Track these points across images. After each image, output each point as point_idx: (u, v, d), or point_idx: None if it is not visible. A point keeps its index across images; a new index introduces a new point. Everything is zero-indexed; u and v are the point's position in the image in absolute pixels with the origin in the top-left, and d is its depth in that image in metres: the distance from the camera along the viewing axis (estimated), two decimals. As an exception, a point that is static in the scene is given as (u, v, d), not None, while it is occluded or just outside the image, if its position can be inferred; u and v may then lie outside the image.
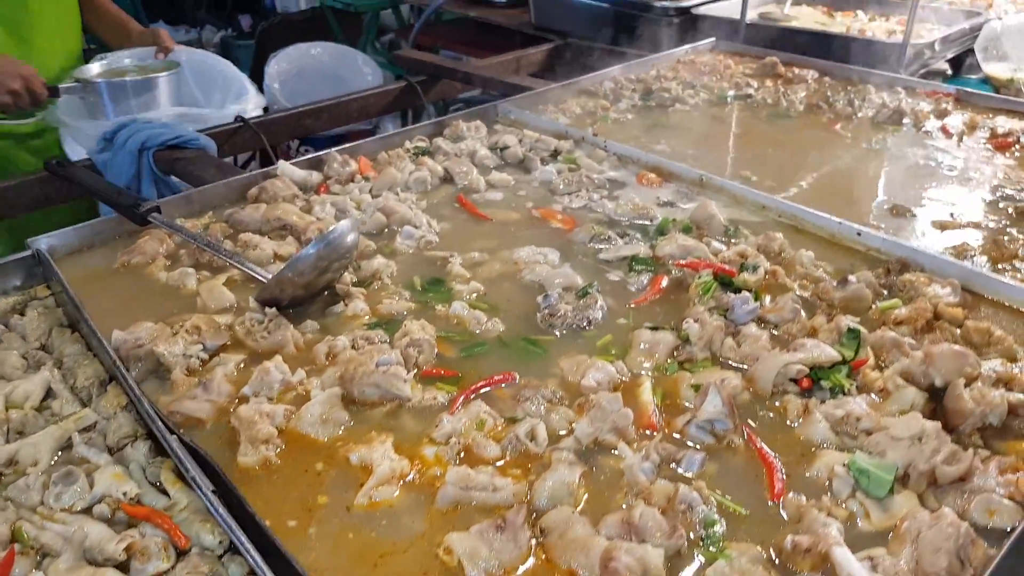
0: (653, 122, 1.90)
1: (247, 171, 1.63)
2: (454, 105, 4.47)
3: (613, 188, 1.56)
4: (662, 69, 2.23)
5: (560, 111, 1.93)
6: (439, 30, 4.20)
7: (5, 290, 1.15)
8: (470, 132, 1.79)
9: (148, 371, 1.03)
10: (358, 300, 1.18)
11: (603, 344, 1.08)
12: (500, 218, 1.46)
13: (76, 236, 1.32)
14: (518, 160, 1.68)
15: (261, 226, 1.41)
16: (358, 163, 1.60)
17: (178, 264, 1.30)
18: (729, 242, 1.34)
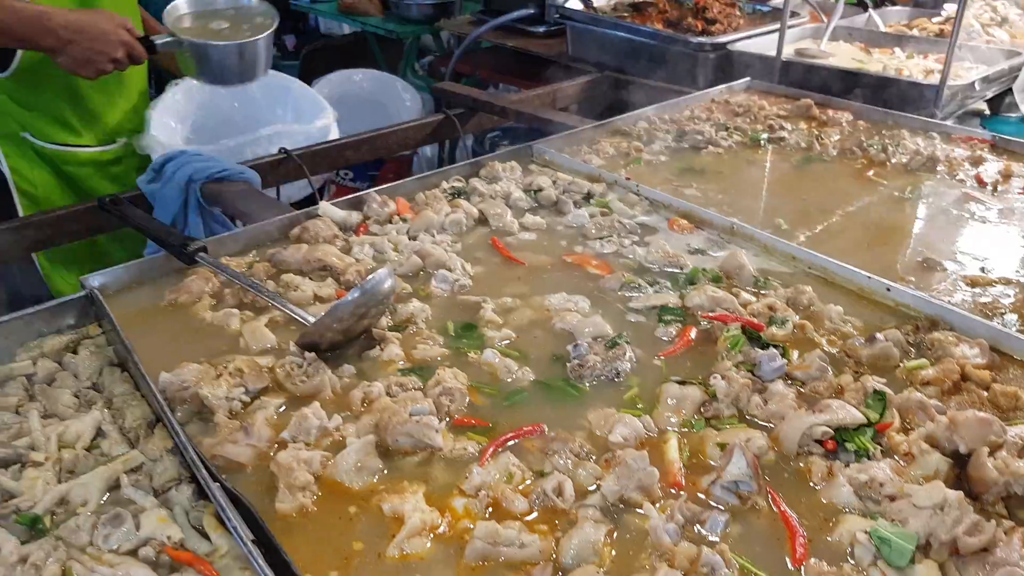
0: (686, 165, 1.93)
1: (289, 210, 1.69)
2: (491, 133, 4.53)
3: (645, 233, 1.58)
4: (696, 109, 2.25)
5: (594, 152, 1.97)
6: (477, 57, 4.26)
7: (60, 328, 1.21)
8: (505, 172, 1.83)
9: (192, 413, 1.08)
10: (393, 345, 1.22)
11: (630, 397, 1.11)
12: (532, 262, 1.49)
13: (126, 273, 1.38)
14: (552, 202, 1.71)
15: (302, 266, 1.45)
16: (396, 204, 1.65)
17: (223, 302, 1.35)
18: (759, 293, 1.36)
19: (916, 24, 3.46)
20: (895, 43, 3.03)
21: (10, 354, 1.16)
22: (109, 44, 1.87)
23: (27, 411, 1.04)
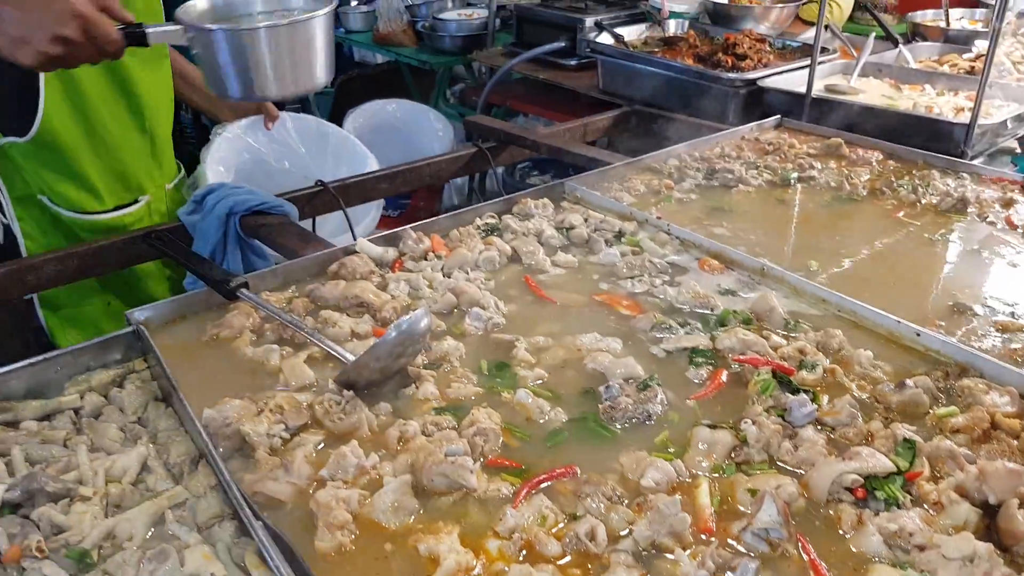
0: (716, 203, 1.95)
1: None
2: (522, 164, 4.58)
3: (675, 273, 1.60)
4: (727, 147, 2.28)
5: (625, 189, 1.99)
6: (508, 88, 4.33)
7: (107, 363, 1.25)
8: (538, 209, 1.86)
9: (234, 448, 1.11)
10: (428, 383, 1.25)
11: (661, 441, 1.12)
12: (564, 301, 1.52)
13: (170, 308, 1.43)
14: (583, 241, 1.74)
15: (340, 302, 1.49)
16: (432, 241, 1.69)
17: (263, 338, 1.39)
18: (789, 336, 1.37)
19: (947, 60, 3.46)
20: (925, 80, 3.03)
21: (59, 388, 1.20)
22: (54, 15, 1.41)
23: (75, 445, 1.08)
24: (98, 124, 2.03)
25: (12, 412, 1.13)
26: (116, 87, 2.03)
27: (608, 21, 4.08)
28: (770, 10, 3.86)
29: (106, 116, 2.03)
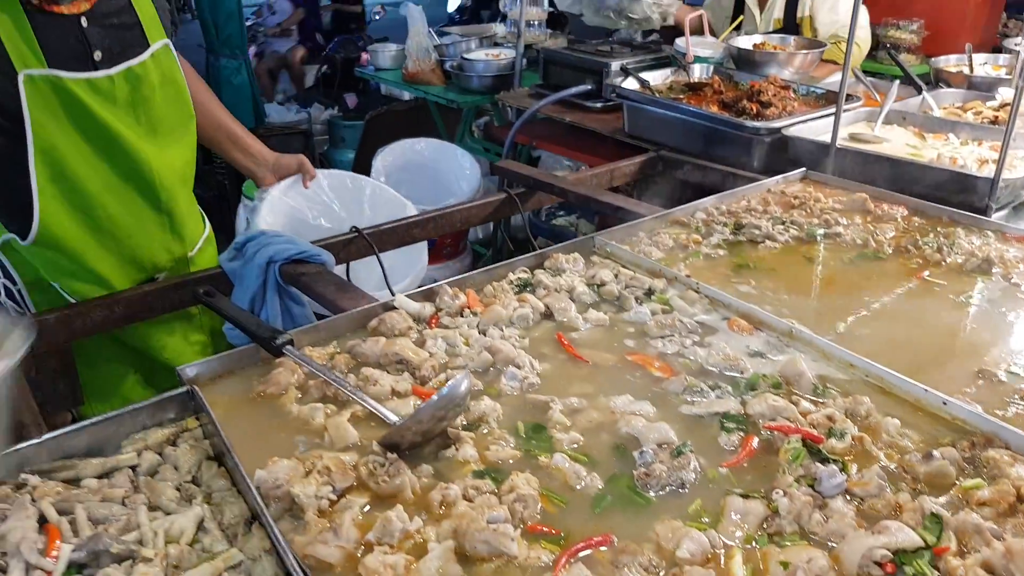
0: (743, 260, 1.99)
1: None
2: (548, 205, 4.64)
3: (705, 333, 1.64)
4: (753, 200, 2.32)
5: (654, 243, 2.04)
6: (533, 128, 4.41)
7: (161, 421, 1.31)
8: (569, 264, 1.91)
9: (284, 509, 1.16)
10: (467, 445, 1.29)
11: (695, 510, 1.16)
12: (597, 360, 1.56)
13: (219, 364, 1.49)
14: (614, 297, 1.79)
15: (380, 359, 1.55)
16: (467, 297, 1.74)
17: (308, 395, 1.45)
18: (818, 402, 1.40)
19: (970, 107, 3.49)
20: (949, 129, 3.07)
21: (116, 445, 1.26)
22: None
23: (135, 504, 1.14)
24: (103, 219, 2.00)
25: (74, 470, 1.18)
26: (124, 176, 2.01)
27: (633, 65, 4.15)
28: (794, 56, 3.91)
29: (113, 208, 2.01)
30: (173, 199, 2.14)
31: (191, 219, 2.29)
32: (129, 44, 1.93)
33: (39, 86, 1.77)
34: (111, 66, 1.88)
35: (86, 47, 1.84)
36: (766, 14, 4.55)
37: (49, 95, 1.79)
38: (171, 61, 2.06)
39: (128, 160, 1.98)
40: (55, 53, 1.79)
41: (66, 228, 1.96)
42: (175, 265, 2.24)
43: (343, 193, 2.88)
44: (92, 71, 1.85)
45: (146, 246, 2.13)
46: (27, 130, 1.78)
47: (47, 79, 1.78)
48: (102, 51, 1.87)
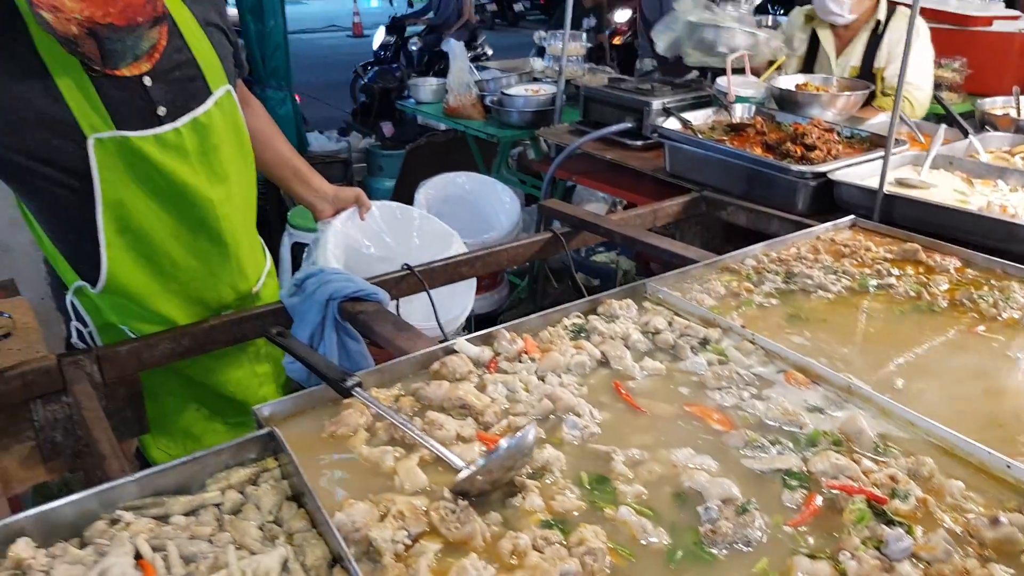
0: (796, 310, 2.01)
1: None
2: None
3: (762, 386, 1.67)
4: (803, 248, 2.35)
5: (705, 291, 2.07)
6: (573, 163, 4.46)
7: (243, 461, 1.36)
8: (622, 310, 1.95)
9: (361, 552, 1.20)
10: (533, 494, 1.33)
11: (761, 569, 1.18)
12: (655, 411, 1.59)
13: (292, 404, 1.54)
14: (669, 346, 1.82)
15: (444, 403, 1.59)
16: (525, 342, 1.78)
17: (376, 437, 1.49)
18: (879, 460, 1.42)
19: (1018, 151, 3.50)
20: (998, 175, 3.07)
21: (201, 483, 1.31)
22: None
23: (222, 543, 1.18)
24: (168, 265, 2.07)
25: (164, 507, 1.24)
26: (190, 222, 2.06)
27: (674, 104, 4.21)
28: (837, 97, 3.94)
29: (178, 254, 2.07)
30: (237, 240, 2.21)
31: (254, 256, 2.36)
32: (192, 95, 1.97)
33: (107, 147, 1.83)
34: (176, 119, 1.93)
35: (150, 104, 1.89)
36: (842, 59, 4.55)
37: (117, 155, 1.84)
38: (233, 105, 2.11)
39: (195, 208, 2.03)
40: (121, 114, 1.82)
41: (133, 276, 2.03)
42: (240, 301, 2.30)
43: (393, 223, 2.95)
44: (158, 127, 1.89)
45: (212, 287, 2.19)
46: (96, 188, 1.85)
47: (115, 140, 1.83)
48: (166, 106, 1.91)
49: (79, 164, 1.82)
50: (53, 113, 1.75)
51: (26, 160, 1.79)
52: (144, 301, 2.09)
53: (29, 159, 1.78)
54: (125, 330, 2.13)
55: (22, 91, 1.71)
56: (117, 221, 1.93)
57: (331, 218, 2.71)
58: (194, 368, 2.26)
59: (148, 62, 1.88)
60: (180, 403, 2.30)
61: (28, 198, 1.95)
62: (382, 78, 9.73)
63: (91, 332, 2.13)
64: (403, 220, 3.00)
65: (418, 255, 2.93)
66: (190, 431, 2.34)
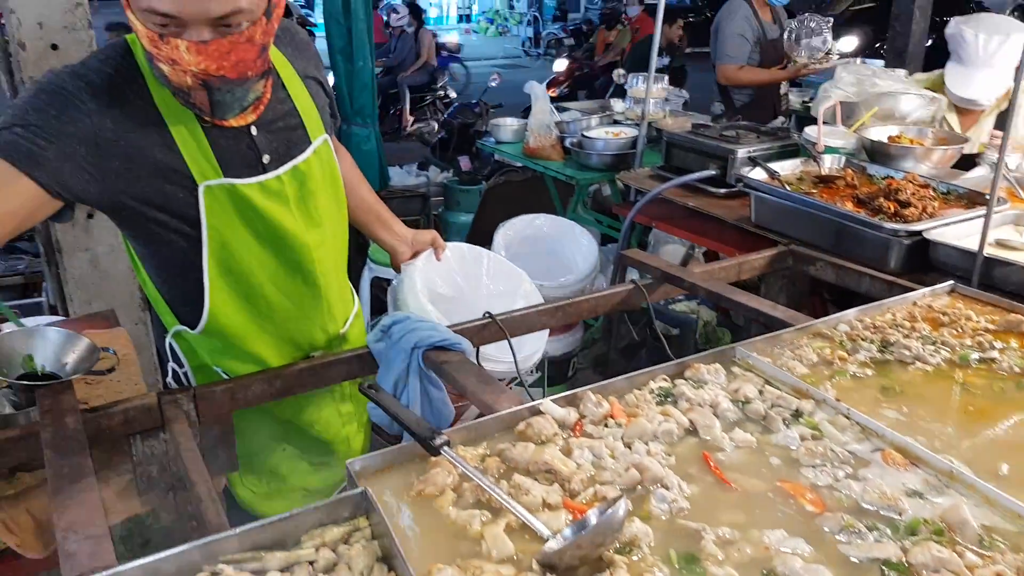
0: (892, 382, 1.95)
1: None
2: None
3: (858, 465, 1.61)
4: (899, 314, 2.28)
5: (797, 357, 2.03)
6: (652, 208, 4.45)
7: (336, 519, 1.39)
8: (710, 375, 1.92)
9: (450, 622, 1.21)
10: (622, 571, 1.31)
11: (863, 670, 1.14)
12: (745, 486, 1.56)
13: (382, 460, 1.57)
14: (760, 416, 1.78)
15: (529, 466, 1.59)
16: (611, 406, 1.77)
17: (463, 498, 1.50)
18: (984, 555, 1.36)
19: None
20: (1104, 239, 2.93)
21: (296, 540, 1.34)
22: None
23: (315, 604, 1.21)
24: (264, 307, 2.15)
25: (261, 562, 1.27)
26: (288, 266, 2.14)
27: (760, 152, 4.16)
28: (932, 151, 3.83)
29: (274, 296, 2.16)
30: (328, 283, 2.29)
31: (343, 299, 2.44)
32: (294, 144, 2.08)
33: (216, 194, 1.91)
34: (279, 167, 2.03)
35: (256, 153, 1.99)
36: (974, 134, 4.34)
37: (225, 201, 1.95)
38: (330, 154, 2.22)
39: (293, 252, 2.12)
40: (229, 162, 1.92)
41: (232, 317, 2.12)
42: (329, 342, 2.37)
43: (464, 264, 2.99)
44: (262, 174, 2.00)
45: (304, 328, 2.27)
46: (203, 232, 1.95)
47: (223, 187, 1.91)
48: (270, 154, 2.01)
49: (189, 210, 1.92)
50: (168, 162, 1.85)
51: (141, 206, 1.88)
52: (240, 342, 2.18)
53: (145, 205, 1.88)
54: (219, 371, 2.22)
55: (141, 141, 1.82)
56: (220, 264, 2.02)
57: (412, 260, 2.78)
58: (283, 407, 2.33)
59: (254, 113, 1.98)
60: (268, 442, 2.37)
61: (139, 242, 2.08)
62: (461, 113, 9.92)
63: (186, 372, 2.24)
64: (473, 261, 3.04)
65: (488, 295, 2.96)
66: (276, 471, 2.40)
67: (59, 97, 1.70)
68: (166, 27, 1.60)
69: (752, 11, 5.82)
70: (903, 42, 5.29)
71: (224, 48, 1.66)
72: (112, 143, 1.76)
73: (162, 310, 2.16)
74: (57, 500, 1.55)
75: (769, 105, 6.16)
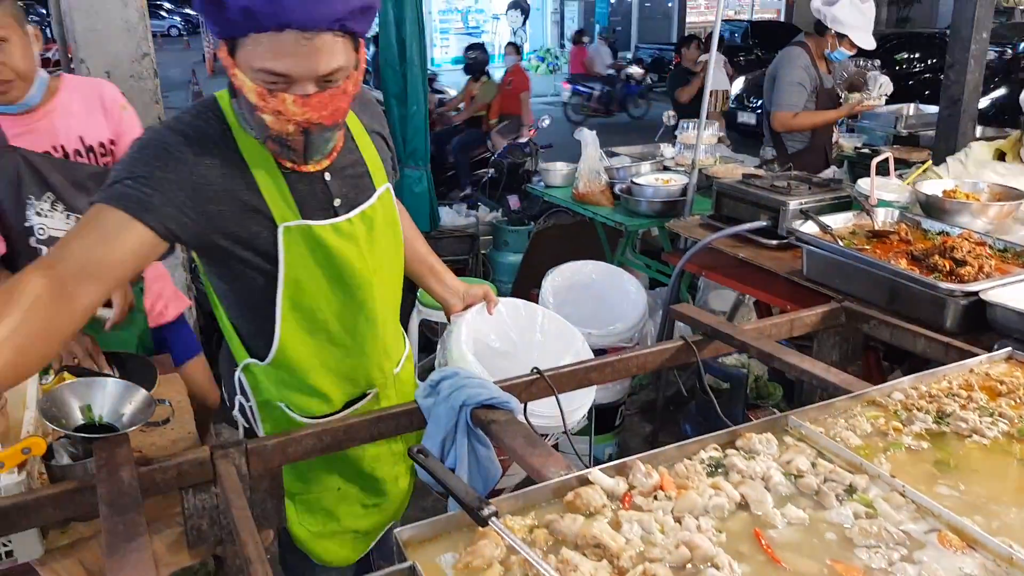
0: (948, 455, 1.90)
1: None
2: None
3: (913, 546, 1.58)
4: (955, 382, 2.23)
5: (850, 427, 1.99)
6: (701, 257, 4.44)
7: (381, 593, 1.40)
8: (762, 445, 1.90)
9: None
10: (673, 656, 1.30)
11: None
12: (797, 566, 1.53)
13: (431, 528, 1.58)
14: (813, 491, 1.75)
15: (577, 539, 1.59)
16: (661, 478, 1.76)
17: (510, 569, 1.50)
18: (1049, 654, 1.31)
19: None
20: None
21: (345, 611, 1.36)
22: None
23: None
24: (327, 342, 2.29)
25: (310, 637, 1.29)
26: (352, 304, 2.28)
27: (811, 205, 4.14)
28: (988, 207, 3.76)
29: (337, 332, 2.29)
30: (387, 324, 2.43)
31: (396, 339, 2.58)
32: (361, 190, 2.24)
33: (293, 234, 2.06)
34: (348, 211, 2.19)
35: (328, 196, 2.16)
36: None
37: (300, 241, 2.10)
38: (391, 202, 2.38)
39: (358, 291, 2.26)
40: (305, 205, 2.08)
41: (298, 349, 2.25)
42: (383, 380, 2.49)
43: (519, 319, 3.02)
44: (334, 217, 2.16)
45: (362, 365, 2.39)
46: (280, 269, 2.11)
47: (300, 228, 2.07)
48: (340, 198, 2.18)
49: (270, 248, 2.06)
50: (253, 203, 2.02)
51: (231, 245, 2.04)
52: (304, 375, 2.30)
53: (234, 244, 2.05)
54: (282, 407, 2.34)
55: (230, 185, 1.98)
56: (292, 299, 2.17)
57: (463, 312, 2.82)
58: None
59: (328, 159, 2.15)
60: (324, 480, 2.48)
61: (222, 279, 2.23)
62: (511, 153, 10.02)
63: (252, 407, 2.37)
64: (527, 317, 3.07)
65: (541, 351, 2.98)
66: (332, 511, 2.51)
67: (161, 150, 1.89)
68: (275, 84, 1.78)
69: (811, 60, 5.77)
70: (958, 91, 5.21)
71: (325, 100, 1.83)
72: (207, 187, 1.93)
73: (235, 343, 2.29)
74: (111, 560, 1.59)
75: (822, 151, 6.09)
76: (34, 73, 2.74)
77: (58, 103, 2.88)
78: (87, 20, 3.72)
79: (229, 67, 1.78)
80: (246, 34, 1.72)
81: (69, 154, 2.89)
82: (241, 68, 1.78)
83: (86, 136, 2.91)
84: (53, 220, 2.92)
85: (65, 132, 2.89)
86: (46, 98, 2.85)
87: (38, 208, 2.90)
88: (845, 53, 5.70)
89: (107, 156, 2.96)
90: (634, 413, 5.44)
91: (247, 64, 1.76)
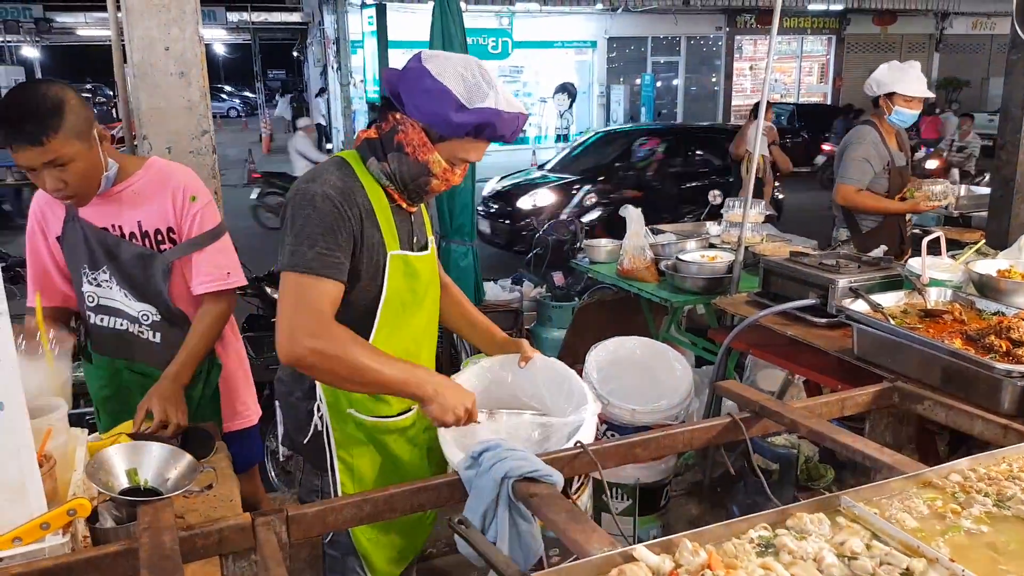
0: (1009, 538, 1.82)
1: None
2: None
3: (976, 637, 1.50)
4: (1015, 465, 2.14)
5: (906, 508, 1.92)
6: (749, 335, 4.39)
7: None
8: (813, 525, 1.84)
9: None
10: None
11: None
12: (853, 654, 1.46)
13: (469, 601, 1.56)
14: (868, 573, 1.68)
15: (621, 617, 1.55)
16: (708, 557, 1.71)
17: (550, 648, 1.47)
18: None
19: None
20: None
21: None
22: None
23: None
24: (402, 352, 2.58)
25: None
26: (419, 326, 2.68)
27: (861, 283, 4.08)
28: (1046, 286, 3.66)
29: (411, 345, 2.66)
30: (428, 352, 2.79)
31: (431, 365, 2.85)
32: (424, 235, 2.71)
33: (396, 261, 2.50)
34: (421, 250, 2.65)
35: (410, 234, 2.60)
36: None
37: (400, 266, 2.51)
38: (435, 251, 2.80)
39: (424, 315, 2.69)
40: (402, 238, 2.54)
41: None
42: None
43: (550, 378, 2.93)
44: (415, 251, 2.61)
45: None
46: (384, 288, 2.50)
47: (401, 256, 2.52)
48: (418, 237, 2.65)
49: (381, 273, 2.49)
50: (377, 238, 2.47)
51: (365, 270, 2.46)
52: None
53: (366, 270, 2.48)
54: (352, 412, 2.59)
55: (367, 225, 2.43)
56: (387, 313, 2.52)
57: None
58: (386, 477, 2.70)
59: (415, 205, 2.61)
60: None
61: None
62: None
63: (324, 415, 2.59)
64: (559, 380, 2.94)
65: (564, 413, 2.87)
66: (367, 556, 2.64)
67: (330, 213, 2.31)
68: (457, 165, 2.40)
69: (880, 137, 5.68)
70: (1010, 171, 5.17)
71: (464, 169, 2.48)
72: (359, 232, 2.40)
73: None
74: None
75: (895, 230, 5.90)
76: (101, 175, 2.79)
77: (129, 186, 2.98)
78: (152, 99, 3.90)
79: (421, 145, 2.32)
80: (465, 137, 2.31)
81: (125, 235, 3.00)
82: (441, 152, 2.34)
83: (145, 221, 3.00)
84: (101, 290, 3.07)
85: (128, 215, 3.00)
86: (119, 179, 2.95)
87: (90, 277, 3.03)
88: (904, 112, 5.51)
89: (164, 243, 3.04)
90: (680, 494, 5.28)
91: (452, 153, 2.35)
